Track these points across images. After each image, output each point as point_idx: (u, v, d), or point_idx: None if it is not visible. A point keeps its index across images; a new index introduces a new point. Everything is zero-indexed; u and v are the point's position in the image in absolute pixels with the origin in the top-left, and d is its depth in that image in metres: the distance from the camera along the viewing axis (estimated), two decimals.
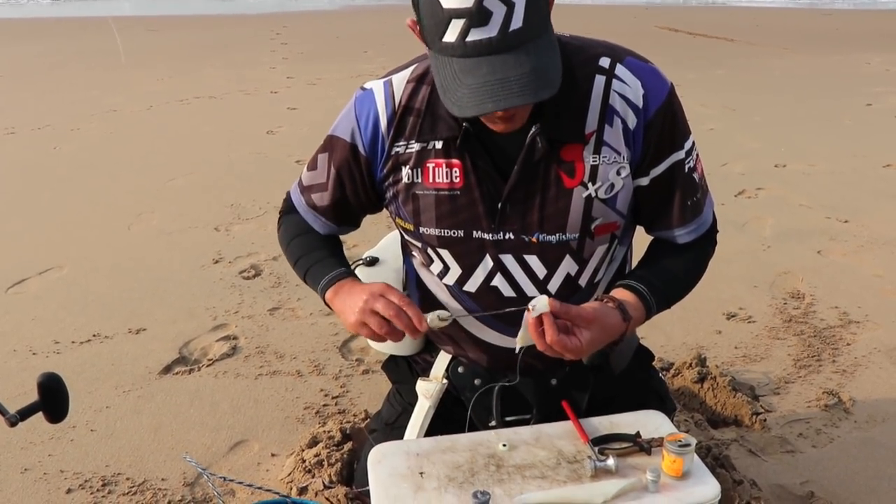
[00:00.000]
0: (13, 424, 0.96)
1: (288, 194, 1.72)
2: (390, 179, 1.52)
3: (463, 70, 1.22)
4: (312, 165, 1.63)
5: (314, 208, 1.64)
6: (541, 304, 1.31)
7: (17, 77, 9.09)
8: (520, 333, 1.36)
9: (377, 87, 1.52)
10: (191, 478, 2.23)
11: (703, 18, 16.04)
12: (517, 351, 1.39)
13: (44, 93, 8.22)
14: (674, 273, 1.54)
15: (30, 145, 6.17)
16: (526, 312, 1.32)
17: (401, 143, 1.49)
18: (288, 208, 1.71)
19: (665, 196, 1.51)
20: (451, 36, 1.21)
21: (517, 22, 1.19)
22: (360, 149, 1.52)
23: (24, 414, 0.97)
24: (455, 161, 1.45)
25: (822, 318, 3.19)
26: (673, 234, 1.55)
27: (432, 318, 1.39)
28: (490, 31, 1.19)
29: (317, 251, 1.62)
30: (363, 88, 1.54)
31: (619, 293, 1.46)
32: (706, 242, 1.60)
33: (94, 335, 3.09)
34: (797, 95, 8.11)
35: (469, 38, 1.20)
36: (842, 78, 9.19)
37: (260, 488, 1.67)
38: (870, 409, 2.54)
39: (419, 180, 1.49)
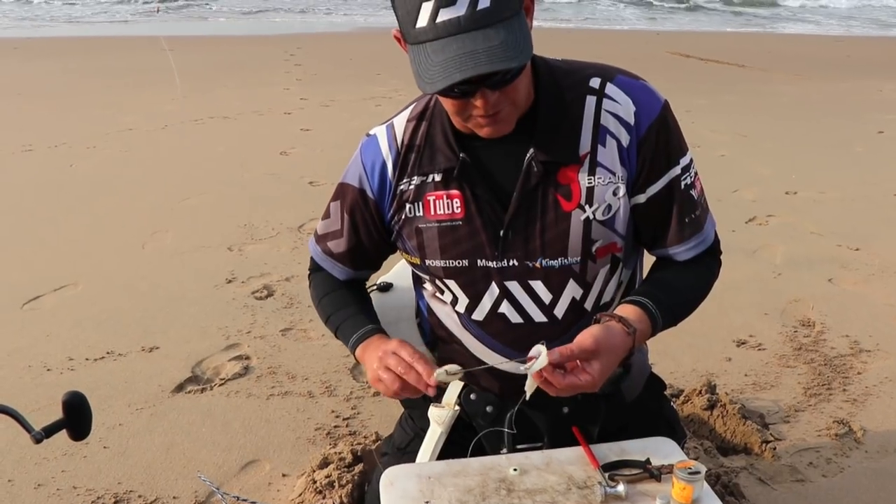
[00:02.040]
0: (38, 441, 0.98)
1: (311, 261, 1.76)
2: (396, 217, 1.55)
3: (434, 51, 1.25)
4: (326, 214, 1.67)
5: (331, 256, 1.67)
6: (539, 361, 1.30)
7: (34, 95, 9.20)
8: (527, 383, 1.35)
9: (380, 132, 1.57)
10: (202, 496, 2.24)
11: (714, 44, 16.09)
12: (527, 398, 1.40)
13: (61, 111, 8.32)
14: (676, 286, 1.54)
15: (46, 162, 6.25)
16: (526, 368, 1.32)
17: (404, 181, 1.53)
18: (314, 266, 1.75)
19: (663, 213, 1.51)
20: (422, 20, 1.24)
21: (485, 1, 1.23)
22: (369, 193, 1.56)
23: (49, 431, 1.00)
24: (454, 192, 1.48)
25: (833, 346, 3.19)
26: (673, 251, 1.55)
27: (439, 373, 1.39)
28: (458, 10, 1.23)
29: (346, 308, 1.64)
30: (368, 135, 1.59)
31: (620, 309, 1.46)
32: (710, 260, 1.60)
33: (107, 352, 3.12)
34: (808, 122, 8.12)
35: (439, 19, 1.23)
36: (853, 105, 9.20)
37: None
38: (881, 440, 2.53)
39: (420, 214, 1.51)
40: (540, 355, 1.30)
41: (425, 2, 1.23)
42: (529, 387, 1.36)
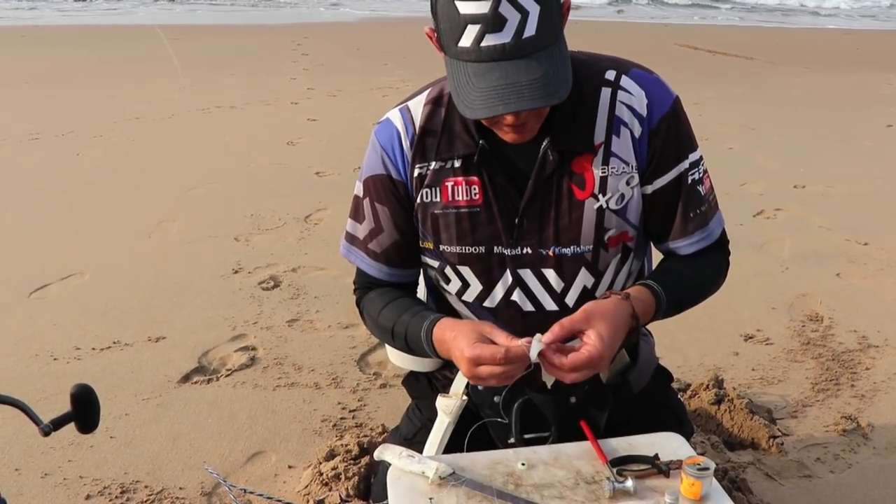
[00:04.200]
0: (46, 434, 0.98)
1: (357, 275, 1.68)
2: (415, 201, 1.55)
3: (476, 74, 1.26)
4: (358, 217, 1.61)
5: (377, 258, 1.61)
6: (534, 346, 1.29)
7: (41, 83, 9.20)
8: (543, 374, 1.35)
9: (394, 114, 1.56)
10: (208, 487, 2.24)
11: (722, 37, 16.02)
12: (549, 387, 1.39)
13: (68, 99, 8.32)
14: (682, 272, 1.55)
15: (53, 151, 6.25)
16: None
17: (421, 165, 1.52)
18: (361, 293, 1.67)
19: (668, 207, 1.52)
20: (466, 41, 1.25)
21: (531, 30, 1.23)
22: (394, 174, 1.54)
23: (58, 424, 0.99)
24: (474, 178, 1.48)
25: (841, 341, 3.17)
26: (675, 245, 1.56)
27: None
28: (504, 37, 1.23)
29: (403, 315, 1.55)
30: (379, 122, 1.58)
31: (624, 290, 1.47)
32: (717, 253, 1.61)
33: (114, 342, 3.12)
34: (817, 115, 8.08)
35: (484, 44, 1.23)
36: (862, 98, 9.15)
37: (280, 501, 1.68)
38: (889, 436, 2.52)
39: (437, 199, 1.51)
40: (534, 345, 1.30)
41: (471, 24, 1.23)
42: (547, 377, 1.36)
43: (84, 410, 1.02)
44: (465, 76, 1.27)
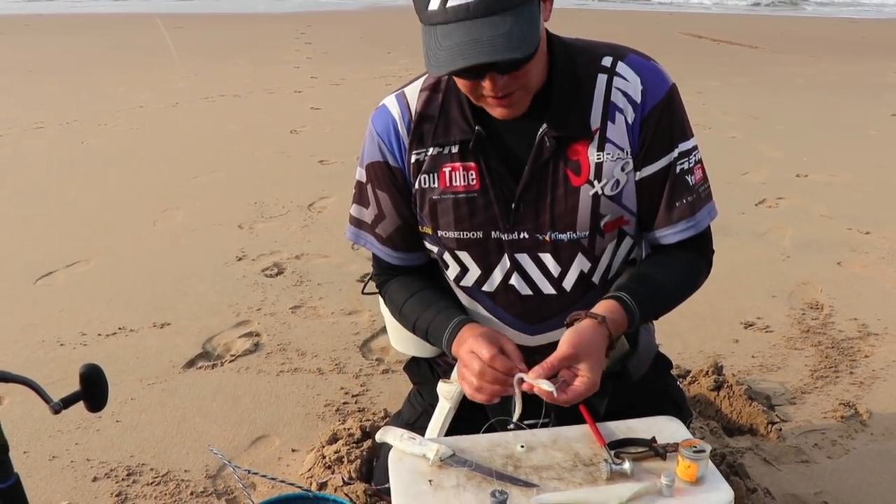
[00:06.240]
0: (56, 412, 1.01)
1: (374, 261, 1.72)
2: (413, 187, 1.57)
3: (443, 34, 1.29)
4: (364, 202, 1.65)
5: (384, 242, 1.65)
6: (545, 386, 1.33)
7: (46, 72, 9.22)
8: (515, 404, 1.40)
9: (390, 100, 1.58)
10: (213, 470, 2.27)
11: (727, 25, 15.97)
12: (515, 418, 1.42)
13: (72, 88, 8.33)
14: (655, 278, 1.55)
15: (58, 140, 6.27)
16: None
17: (419, 151, 1.54)
18: (383, 279, 1.71)
19: (655, 195, 1.53)
20: (434, 4, 1.28)
21: None
22: (391, 161, 1.57)
23: (67, 402, 1.02)
24: (471, 164, 1.50)
25: (841, 329, 3.19)
26: (660, 233, 1.56)
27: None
28: None
29: (426, 312, 1.60)
30: (377, 108, 1.60)
31: (596, 307, 1.46)
32: (699, 258, 1.60)
33: (119, 328, 3.15)
34: (821, 104, 8.07)
35: (449, 4, 1.27)
36: (867, 87, 9.12)
37: (283, 482, 1.71)
38: (887, 422, 2.54)
39: (435, 185, 1.53)
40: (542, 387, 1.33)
41: None
42: (518, 407, 1.39)
43: (93, 389, 1.05)
44: (434, 39, 1.30)
